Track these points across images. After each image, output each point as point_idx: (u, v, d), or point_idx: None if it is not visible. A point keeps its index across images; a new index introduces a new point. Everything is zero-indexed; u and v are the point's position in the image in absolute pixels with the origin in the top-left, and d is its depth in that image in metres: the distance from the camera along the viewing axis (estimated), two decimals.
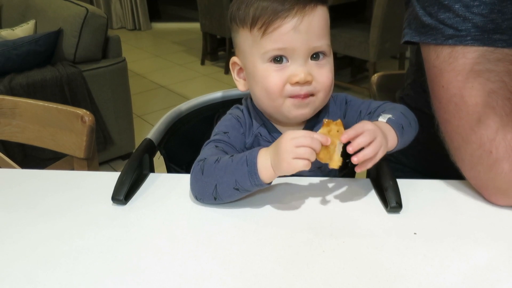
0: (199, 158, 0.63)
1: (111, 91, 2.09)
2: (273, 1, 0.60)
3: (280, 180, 0.66)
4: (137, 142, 2.26)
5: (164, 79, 3.63)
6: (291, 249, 0.53)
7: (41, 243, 0.56)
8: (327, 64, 0.65)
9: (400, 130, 0.61)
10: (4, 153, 1.04)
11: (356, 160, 0.54)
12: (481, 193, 0.62)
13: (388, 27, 2.56)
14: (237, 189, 0.58)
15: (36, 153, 1.81)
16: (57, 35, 1.98)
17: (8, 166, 1.01)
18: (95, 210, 0.62)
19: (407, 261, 0.51)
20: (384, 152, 0.57)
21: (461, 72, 0.58)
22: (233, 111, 0.73)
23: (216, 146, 0.65)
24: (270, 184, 0.58)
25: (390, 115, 0.62)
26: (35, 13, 2.25)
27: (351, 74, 3.44)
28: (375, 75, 1.10)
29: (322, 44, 0.63)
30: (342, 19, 3.08)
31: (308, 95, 0.63)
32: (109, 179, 0.67)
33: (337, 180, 0.67)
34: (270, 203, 0.62)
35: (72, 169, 0.95)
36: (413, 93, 0.83)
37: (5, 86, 1.76)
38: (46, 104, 0.95)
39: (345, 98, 0.73)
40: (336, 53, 3.05)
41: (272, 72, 0.63)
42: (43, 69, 1.90)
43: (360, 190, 0.65)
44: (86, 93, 1.96)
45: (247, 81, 0.69)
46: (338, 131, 0.56)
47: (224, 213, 0.60)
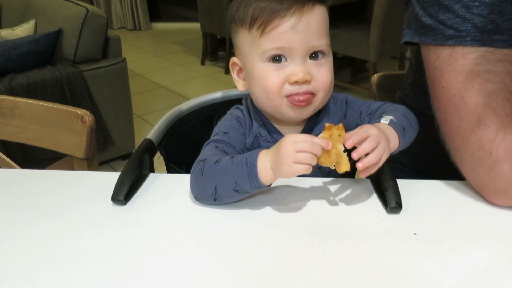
0: (199, 158, 0.63)
1: (111, 91, 2.09)
2: (271, 1, 0.60)
3: (280, 181, 0.66)
4: (137, 142, 2.27)
5: (164, 79, 3.63)
6: (291, 249, 0.53)
7: (41, 243, 0.56)
8: (326, 63, 0.65)
9: (401, 132, 0.61)
10: (4, 153, 1.04)
11: (361, 166, 0.54)
12: (481, 194, 0.62)
13: (388, 27, 2.56)
14: (236, 191, 0.58)
15: (36, 153, 1.81)
16: (57, 35, 1.98)
17: (8, 166, 1.01)
18: (95, 210, 0.62)
19: (407, 261, 0.51)
20: (387, 156, 0.57)
21: (461, 73, 0.58)
22: (233, 111, 0.73)
23: (216, 147, 0.65)
24: (270, 186, 0.58)
25: (392, 117, 0.62)
26: (35, 13, 2.25)
27: (351, 75, 3.44)
28: (375, 75, 1.10)
29: (321, 44, 0.63)
30: (342, 20, 3.08)
31: (307, 94, 0.63)
32: (109, 179, 0.67)
33: (337, 181, 0.67)
34: (270, 203, 0.62)
35: (72, 169, 0.95)
36: (413, 94, 0.83)
37: (5, 86, 1.76)
38: (46, 104, 0.95)
39: (345, 99, 0.73)
40: (336, 53, 3.05)
41: (271, 72, 0.63)
42: (43, 69, 1.90)
43: (360, 190, 0.65)
44: (86, 93, 1.96)
45: (246, 81, 0.69)
46: (340, 135, 0.55)
47: (224, 213, 0.60)
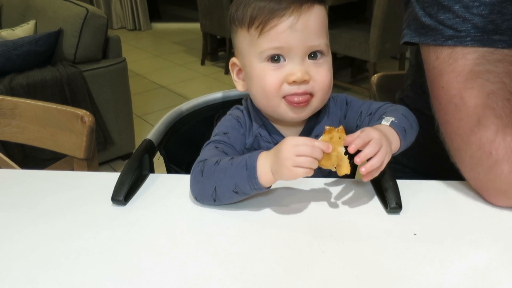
0: (199, 159, 0.63)
1: (111, 91, 2.09)
2: (270, 1, 0.60)
3: (280, 182, 0.66)
4: (137, 142, 2.27)
5: (164, 79, 3.63)
6: (291, 249, 0.53)
7: (41, 243, 0.56)
8: (325, 63, 0.64)
9: (403, 133, 0.61)
10: (4, 154, 1.04)
11: (364, 170, 0.54)
12: (481, 194, 0.62)
13: (388, 28, 2.56)
14: (236, 192, 0.58)
15: (36, 153, 1.81)
16: (57, 35, 1.98)
17: (8, 166, 1.01)
18: (95, 211, 0.62)
19: (407, 261, 0.51)
20: (389, 159, 0.56)
21: (461, 73, 0.58)
22: (233, 112, 0.73)
23: (216, 147, 0.65)
24: (269, 188, 0.58)
25: (393, 118, 0.62)
26: (35, 13, 2.25)
27: (351, 75, 3.44)
28: (375, 75, 1.09)
29: (319, 43, 0.63)
30: (342, 20, 3.08)
31: (305, 95, 0.63)
32: (109, 179, 0.67)
33: (337, 181, 0.67)
34: (270, 204, 0.62)
35: (72, 169, 0.95)
36: (413, 94, 0.83)
37: (5, 86, 1.77)
38: (46, 105, 0.95)
39: (346, 99, 0.73)
40: (336, 54, 3.05)
41: (269, 72, 0.63)
42: (43, 69, 1.90)
43: (360, 191, 0.65)
44: (86, 93, 1.96)
45: (245, 82, 0.69)
46: (340, 137, 0.55)
47: (224, 214, 0.60)
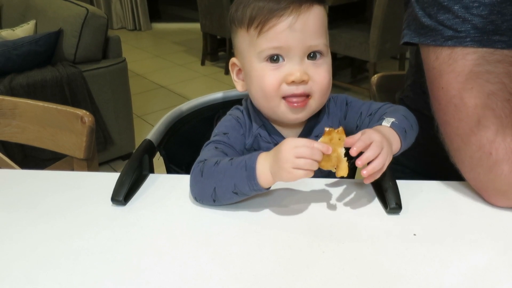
0: (199, 159, 0.63)
1: (111, 92, 2.09)
2: (269, 1, 0.60)
3: (280, 182, 0.66)
4: (137, 142, 2.27)
5: (164, 79, 3.63)
6: (291, 250, 0.53)
7: (41, 243, 0.56)
8: (324, 64, 0.64)
9: (403, 134, 0.61)
10: (4, 154, 1.04)
11: (365, 173, 0.54)
12: (481, 195, 0.62)
13: (388, 28, 2.56)
14: (235, 193, 0.58)
15: (36, 153, 1.81)
16: (57, 35, 1.98)
17: (8, 166, 1.01)
18: (95, 211, 0.62)
19: (406, 262, 0.51)
20: (390, 160, 0.56)
21: (461, 74, 0.58)
22: (233, 112, 0.73)
23: (216, 147, 0.65)
24: (268, 189, 0.58)
25: (393, 119, 0.62)
26: (35, 13, 2.25)
27: (351, 75, 3.44)
28: (375, 75, 1.09)
29: (318, 43, 0.63)
30: (342, 20, 3.08)
31: (304, 95, 0.63)
32: (108, 179, 0.67)
33: (337, 182, 0.67)
34: (270, 204, 0.62)
35: (72, 169, 0.95)
36: (413, 95, 0.83)
37: (5, 86, 1.77)
38: (46, 105, 0.95)
39: (346, 99, 0.73)
40: (336, 54, 3.05)
41: (268, 72, 0.63)
42: (43, 70, 1.90)
43: (360, 191, 0.65)
44: (86, 94, 1.96)
45: (245, 82, 0.69)
46: (340, 139, 0.55)
47: (224, 214, 0.60)
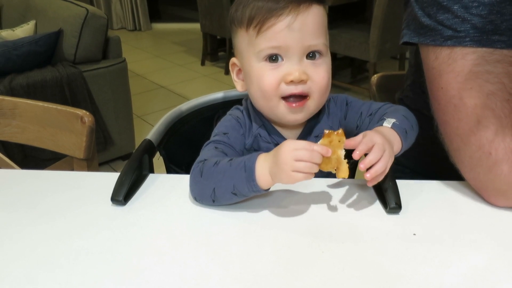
0: (198, 159, 0.63)
1: (111, 92, 2.09)
2: (268, 0, 0.61)
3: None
4: (137, 142, 2.26)
5: (164, 79, 3.63)
6: (291, 250, 0.53)
7: (41, 243, 0.56)
8: (323, 63, 0.64)
9: (404, 135, 0.61)
10: (4, 154, 1.04)
11: (368, 176, 0.54)
12: (481, 194, 0.62)
13: (388, 28, 2.56)
14: (235, 194, 0.58)
15: (36, 153, 1.81)
16: (57, 36, 1.98)
17: (8, 166, 1.01)
18: (95, 211, 0.62)
19: (406, 262, 0.51)
20: (392, 162, 0.56)
21: (460, 74, 0.58)
22: (233, 112, 0.73)
23: (216, 147, 0.65)
24: (268, 191, 0.58)
25: (394, 120, 0.62)
26: (35, 13, 2.25)
27: (351, 75, 3.44)
28: (375, 75, 1.09)
29: (317, 43, 0.63)
30: (342, 20, 3.08)
31: (303, 96, 0.63)
32: (108, 179, 0.67)
33: (336, 182, 0.67)
34: (269, 204, 0.62)
35: (72, 169, 0.95)
36: (412, 95, 0.83)
37: (5, 87, 1.77)
38: (45, 105, 0.95)
39: (346, 100, 0.73)
40: (336, 54, 3.05)
41: (267, 71, 0.63)
42: (43, 70, 1.90)
43: (360, 191, 0.65)
44: (86, 94, 1.96)
45: (244, 82, 0.69)
46: (340, 141, 0.55)
47: (223, 214, 0.60)
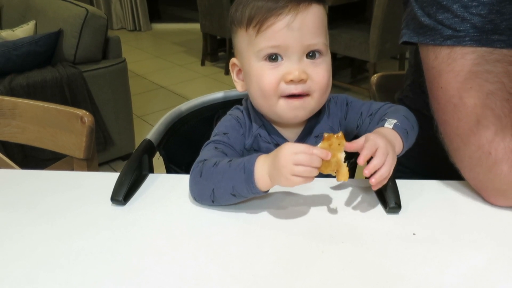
0: (198, 159, 0.63)
1: (111, 92, 2.09)
2: (267, 0, 0.61)
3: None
4: (137, 142, 2.25)
5: (164, 79, 3.63)
6: (290, 250, 0.53)
7: (41, 243, 0.56)
8: (323, 63, 0.64)
9: (405, 136, 0.62)
10: (4, 154, 1.04)
11: (373, 181, 0.54)
12: (480, 194, 0.62)
13: (388, 28, 2.56)
14: (234, 195, 0.58)
15: (36, 153, 1.81)
16: (57, 36, 1.98)
17: (8, 166, 1.01)
18: (95, 211, 0.62)
19: (406, 261, 0.51)
20: (394, 164, 0.56)
21: (460, 73, 0.58)
22: (233, 112, 0.73)
23: (215, 147, 0.65)
24: (267, 192, 0.58)
25: (395, 121, 0.62)
26: (35, 13, 2.25)
27: (351, 75, 3.44)
28: (375, 75, 1.09)
29: (317, 43, 0.63)
30: (342, 20, 3.08)
31: (303, 95, 0.63)
32: (108, 179, 0.67)
33: (336, 181, 0.67)
34: (269, 204, 0.62)
35: (72, 169, 0.95)
36: (412, 94, 0.83)
37: (5, 87, 1.77)
38: (45, 105, 0.95)
39: (346, 100, 0.73)
40: (336, 54, 3.05)
41: (267, 71, 0.63)
42: (43, 70, 1.90)
43: (359, 191, 0.65)
44: (86, 94, 1.96)
45: (244, 81, 0.69)
46: (340, 144, 0.55)
47: (223, 214, 0.60)
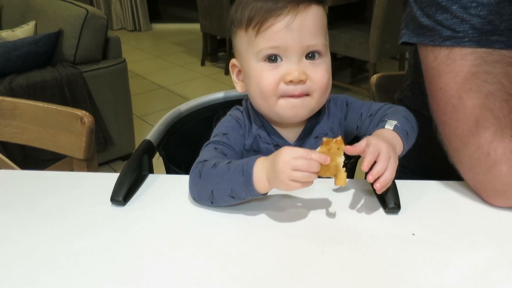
0: (198, 160, 0.63)
1: (111, 92, 2.09)
2: (267, 1, 0.61)
3: None
4: (137, 142, 2.25)
5: (164, 80, 3.63)
6: (290, 250, 0.54)
7: (41, 243, 0.56)
8: (323, 63, 0.64)
9: (405, 137, 0.62)
10: (4, 154, 1.04)
11: (378, 186, 0.54)
12: (480, 195, 0.62)
13: (388, 28, 2.56)
14: (232, 197, 0.58)
15: (36, 154, 1.81)
16: (57, 36, 1.98)
17: (8, 167, 1.01)
18: (95, 211, 0.62)
19: (405, 262, 0.51)
20: (396, 166, 0.56)
21: (459, 74, 0.58)
22: (233, 112, 0.73)
23: (215, 148, 0.65)
24: (266, 195, 0.58)
25: (395, 122, 0.62)
26: (35, 14, 2.25)
27: (351, 75, 3.44)
28: (374, 76, 1.09)
29: (316, 43, 0.63)
30: (342, 20, 3.08)
31: (303, 95, 0.63)
32: (108, 180, 0.67)
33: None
34: (269, 204, 0.62)
35: (72, 170, 0.95)
36: (411, 95, 0.83)
37: (5, 87, 1.77)
38: (45, 105, 0.95)
39: (346, 100, 0.73)
40: (336, 54, 3.05)
41: (266, 71, 0.63)
42: (43, 70, 1.90)
43: (359, 191, 0.65)
44: (86, 94, 1.97)
45: (244, 82, 0.69)
46: (339, 148, 0.54)
47: (223, 215, 0.61)
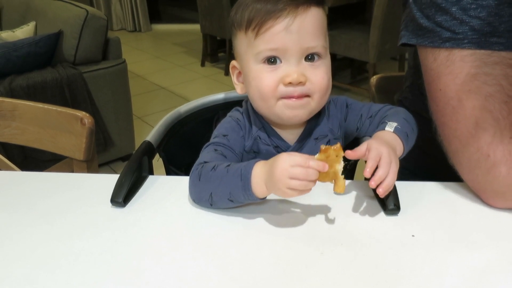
0: (198, 161, 0.63)
1: (111, 93, 2.09)
2: (267, 2, 0.61)
3: None
4: (137, 143, 2.27)
5: (164, 80, 3.63)
6: (290, 251, 0.54)
7: (41, 244, 0.56)
8: (322, 65, 0.64)
9: (405, 138, 0.62)
10: (4, 155, 1.04)
11: (381, 191, 0.54)
12: (479, 196, 0.62)
13: (388, 29, 2.56)
14: (231, 201, 0.58)
15: (35, 155, 1.81)
16: (57, 37, 1.98)
17: (8, 168, 1.01)
18: (95, 212, 0.62)
19: (405, 263, 0.51)
20: (397, 170, 0.56)
21: (459, 76, 0.59)
22: (233, 114, 0.73)
23: (215, 150, 0.65)
24: (264, 199, 0.58)
25: (396, 124, 0.62)
26: (35, 14, 2.25)
27: (351, 76, 3.44)
28: (374, 77, 1.09)
29: (316, 45, 0.63)
30: (342, 21, 3.08)
31: (302, 97, 0.63)
32: (108, 181, 0.67)
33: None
34: (268, 205, 0.62)
35: (72, 171, 0.95)
36: (411, 96, 0.83)
37: (5, 88, 1.77)
38: (45, 106, 0.95)
39: (346, 102, 0.73)
40: (336, 55, 3.05)
41: (265, 73, 0.63)
42: (43, 71, 1.90)
43: (358, 192, 0.65)
44: (86, 95, 1.97)
45: (244, 84, 0.69)
46: (337, 155, 0.54)
47: (223, 216, 0.61)
